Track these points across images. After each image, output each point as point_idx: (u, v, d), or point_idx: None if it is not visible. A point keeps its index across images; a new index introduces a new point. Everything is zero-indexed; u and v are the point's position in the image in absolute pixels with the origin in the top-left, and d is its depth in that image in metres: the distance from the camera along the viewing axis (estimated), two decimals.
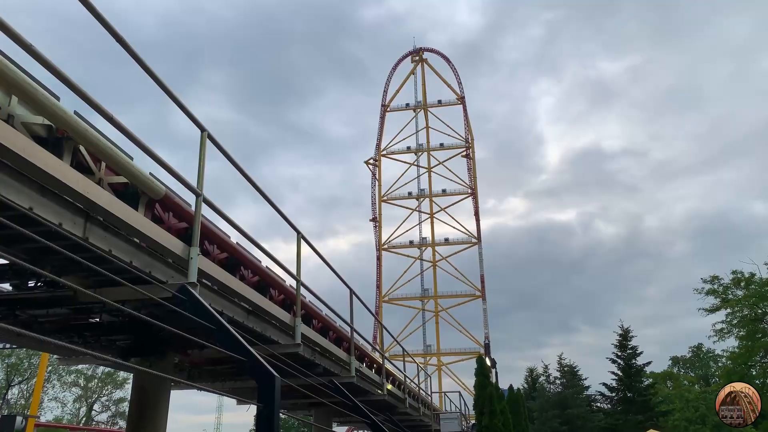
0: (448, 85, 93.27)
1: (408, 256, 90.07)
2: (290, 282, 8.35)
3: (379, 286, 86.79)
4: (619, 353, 42.48)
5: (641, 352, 42.35)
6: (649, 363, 42.86)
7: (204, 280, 5.55)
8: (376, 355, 14.89)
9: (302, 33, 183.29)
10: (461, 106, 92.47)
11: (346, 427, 23.87)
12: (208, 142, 5.37)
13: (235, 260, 7.02)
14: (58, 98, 3.93)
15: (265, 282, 7.88)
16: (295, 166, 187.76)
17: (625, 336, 42.83)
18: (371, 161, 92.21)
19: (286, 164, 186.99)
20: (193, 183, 5.11)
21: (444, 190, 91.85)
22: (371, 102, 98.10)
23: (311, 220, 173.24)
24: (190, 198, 5.42)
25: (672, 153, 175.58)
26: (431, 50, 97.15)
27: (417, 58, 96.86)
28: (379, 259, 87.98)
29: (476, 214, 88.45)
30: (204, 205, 5.26)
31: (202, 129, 5.33)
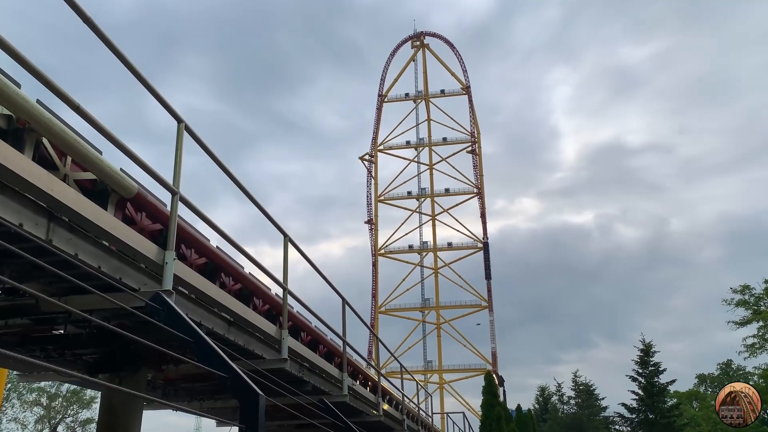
0: (452, 73, 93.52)
1: (407, 262, 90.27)
2: (276, 290, 8.34)
3: (374, 296, 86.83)
4: (640, 370, 42.58)
5: (664, 370, 42.53)
6: (673, 381, 43.07)
7: (180, 288, 5.54)
8: (372, 372, 14.89)
9: (292, 13, 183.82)
10: (466, 96, 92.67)
11: None
12: (186, 134, 5.37)
13: (215, 266, 7.01)
14: (18, 85, 3.92)
15: (248, 290, 7.87)
16: (284, 162, 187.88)
17: (646, 351, 42.95)
18: (366, 157, 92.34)
19: (274, 159, 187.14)
20: (170, 180, 5.11)
21: (447, 190, 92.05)
22: (369, 91, 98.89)
23: (301, 222, 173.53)
24: (165, 197, 5.41)
25: (701, 149, 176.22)
26: (433, 35, 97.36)
27: (417, 43, 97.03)
28: (375, 265, 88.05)
29: (483, 215, 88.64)
30: (181, 205, 5.26)
31: (179, 120, 5.33)
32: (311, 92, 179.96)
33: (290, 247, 7.83)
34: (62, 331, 6.13)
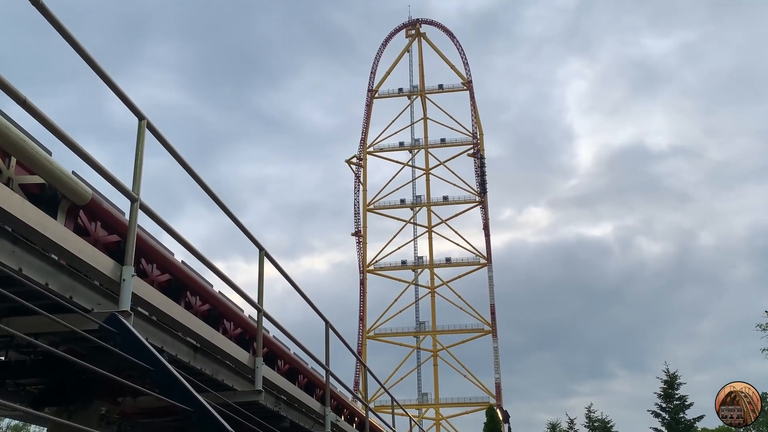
0: (451, 66, 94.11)
1: (400, 280, 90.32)
2: (250, 312, 8.33)
3: (362, 318, 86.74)
4: (664, 404, 42.71)
5: (691, 404, 42.69)
6: (701, 417, 43.16)
7: (140, 309, 5.52)
8: (358, 406, 14.85)
9: None
10: (467, 91, 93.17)
11: None
12: (148, 133, 5.37)
13: (180, 284, 6.99)
14: None
15: (217, 311, 7.85)
16: (262, 164, 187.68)
17: (671, 383, 43.11)
18: (354, 160, 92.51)
19: (251, 161, 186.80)
20: (129, 185, 5.10)
21: (445, 198, 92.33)
22: (360, 84, 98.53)
23: (280, 233, 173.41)
24: (123, 204, 5.40)
25: (733, 153, 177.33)
26: (430, 22, 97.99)
27: (413, 31, 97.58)
28: (363, 283, 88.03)
29: (486, 227, 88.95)
30: (142, 214, 5.25)
31: (141, 117, 5.33)
32: (295, 85, 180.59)
33: (267, 263, 7.82)
34: (2, 358, 6.09)
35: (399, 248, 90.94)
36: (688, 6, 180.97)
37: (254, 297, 7.45)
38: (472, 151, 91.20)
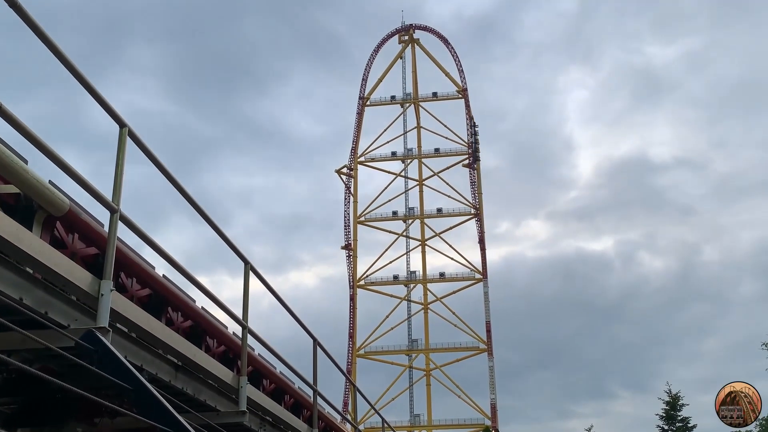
0: (446, 73, 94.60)
1: (391, 295, 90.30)
2: (234, 329, 8.29)
3: (352, 335, 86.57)
4: (666, 426, 42.70)
5: (694, 426, 42.66)
6: None
7: (118, 325, 5.50)
8: (348, 428, 14.79)
9: None
10: (463, 100, 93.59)
11: None
12: (129, 141, 5.36)
13: (161, 299, 6.97)
14: None
15: (200, 328, 7.82)
16: (248, 174, 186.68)
17: (673, 404, 43.12)
18: (345, 170, 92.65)
19: (237, 171, 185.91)
20: (108, 196, 5.09)
21: (439, 210, 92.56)
22: (351, 91, 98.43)
23: (267, 246, 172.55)
24: (103, 215, 5.39)
25: (739, 165, 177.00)
26: (424, 28, 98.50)
27: (406, 37, 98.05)
28: (353, 299, 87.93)
29: (481, 241, 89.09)
30: (122, 225, 5.23)
31: (122, 124, 5.33)
32: (284, 92, 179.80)
33: (252, 277, 7.80)
34: None
35: (391, 262, 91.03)
36: (693, 12, 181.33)
37: (239, 313, 7.43)
38: (467, 162, 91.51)
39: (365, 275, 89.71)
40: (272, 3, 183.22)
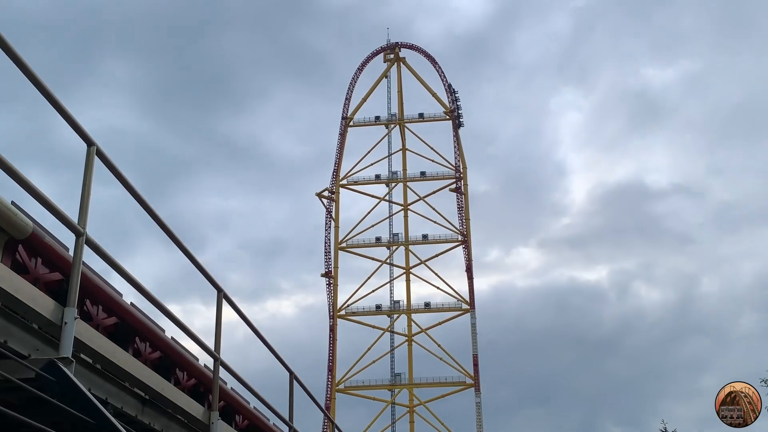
0: (433, 94, 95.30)
1: (374, 326, 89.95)
2: (206, 360, 8.24)
3: (331, 369, 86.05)
4: None
5: None
6: None
7: (82, 356, 5.47)
8: None
9: (242, 13, 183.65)
10: (450, 121, 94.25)
11: None
12: (98, 160, 5.37)
13: (128, 328, 6.93)
14: None
15: (170, 360, 7.78)
16: (225, 197, 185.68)
17: None
18: (326, 193, 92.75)
19: (213, 193, 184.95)
20: (74, 218, 5.08)
21: (425, 236, 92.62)
22: (336, 111, 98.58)
23: (244, 273, 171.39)
24: (68, 239, 5.37)
25: (739, 193, 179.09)
26: (410, 46, 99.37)
27: (391, 56, 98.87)
28: (332, 329, 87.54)
29: (469, 269, 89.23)
30: (88, 250, 5.22)
31: (90, 143, 5.33)
32: (264, 111, 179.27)
33: (226, 306, 7.78)
34: None
35: (373, 291, 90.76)
36: (692, 34, 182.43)
37: (211, 344, 7.40)
38: (454, 186, 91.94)
39: (346, 305, 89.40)
40: (254, 18, 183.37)
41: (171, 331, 7.59)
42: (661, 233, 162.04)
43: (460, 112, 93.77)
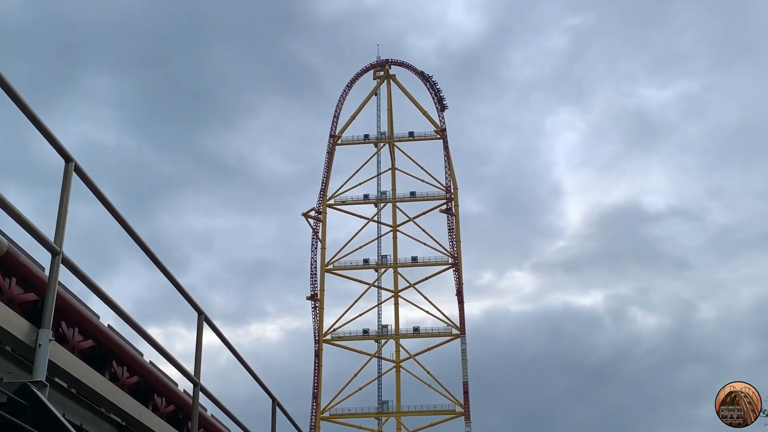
0: (424, 112, 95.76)
1: (361, 352, 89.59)
2: (186, 386, 8.21)
3: (316, 396, 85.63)
4: None
5: None
6: None
7: (57, 379, 5.44)
8: None
9: (232, 27, 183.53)
10: (441, 141, 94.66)
11: None
12: (76, 177, 5.37)
13: (105, 351, 6.91)
14: None
15: (148, 385, 7.74)
16: (210, 216, 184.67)
17: None
18: (312, 213, 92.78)
19: (197, 212, 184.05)
20: (51, 236, 5.07)
21: (415, 258, 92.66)
22: (326, 128, 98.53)
23: (228, 295, 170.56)
24: (44, 258, 5.35)
25: (738, 216, 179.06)
26: (400, 63, 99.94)
27: (381, 73, 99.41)
28: (318, 355, 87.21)
29: (459, 293, 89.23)
30: (64, 269, 5.21)
31: (68, 159, 5.34)
32: (251, 127, 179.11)
33: (207, 329, 7.76)
34: None
35: (361, 315, 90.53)
36: (691, 53, 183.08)
37: (191, 369, 7.37)
38: (444, 207, 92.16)
39: (332, 329, 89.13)
40: (242, 31, 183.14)
41: (150, 354, 7.58)
42: (658, 257, 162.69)
43: (442, 95, 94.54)
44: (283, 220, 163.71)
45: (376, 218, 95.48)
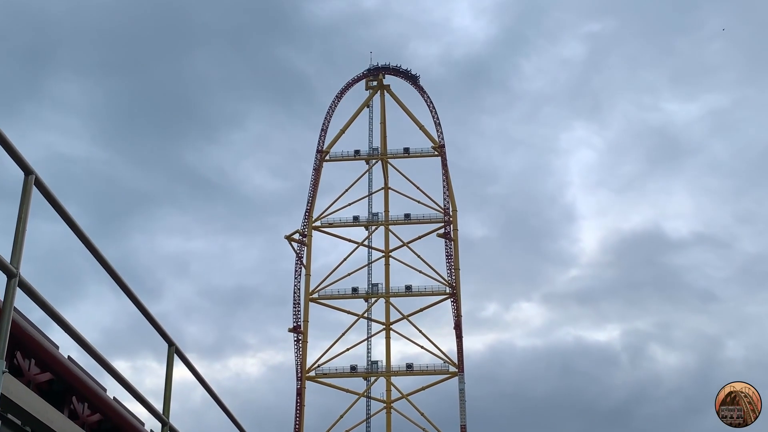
0: (420, 127, 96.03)
1: (348, 390, 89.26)
2: (154, 425, 8.15)
3: None
4: None
5: None
6: None
7: (10, 416, 5.39)
8: None
9: (215, 29, 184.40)
10: (439, 158, 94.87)
11: None
12: (36, 192, 5.35)
13: (64, 386, 6.86)
14: None
15: (111, 423, 7.69)
16: (187, 237, 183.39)
17: None
18: (296, 236, 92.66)
19: (173, 232, 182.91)
20: (7, 257, 5.04)
21: (408, 287, 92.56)
22: (316, 141, 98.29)
23: (205, 325, 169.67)
24: None
25: None
26: (394, 72, 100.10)
27: (374, 83, 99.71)
28: (300, 393, 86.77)
29: (457, 326, 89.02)
30: (21, 293, 5.17)
31: (28, 171, 5.32)
32: (235, 139, 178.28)
33: (178, 362, 7.72)
34: None
35: (348, 349, 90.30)
36: (719, 65, 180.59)
37: (159, 407, 7.32)
38: (442, 231, 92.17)
39: (316, 365, 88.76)
40: (228, 35, 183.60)
41: (114, 390, 7.51)
42: (681, 289, 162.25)
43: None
44: (268, 242, 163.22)
45: (366, 242, 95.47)
